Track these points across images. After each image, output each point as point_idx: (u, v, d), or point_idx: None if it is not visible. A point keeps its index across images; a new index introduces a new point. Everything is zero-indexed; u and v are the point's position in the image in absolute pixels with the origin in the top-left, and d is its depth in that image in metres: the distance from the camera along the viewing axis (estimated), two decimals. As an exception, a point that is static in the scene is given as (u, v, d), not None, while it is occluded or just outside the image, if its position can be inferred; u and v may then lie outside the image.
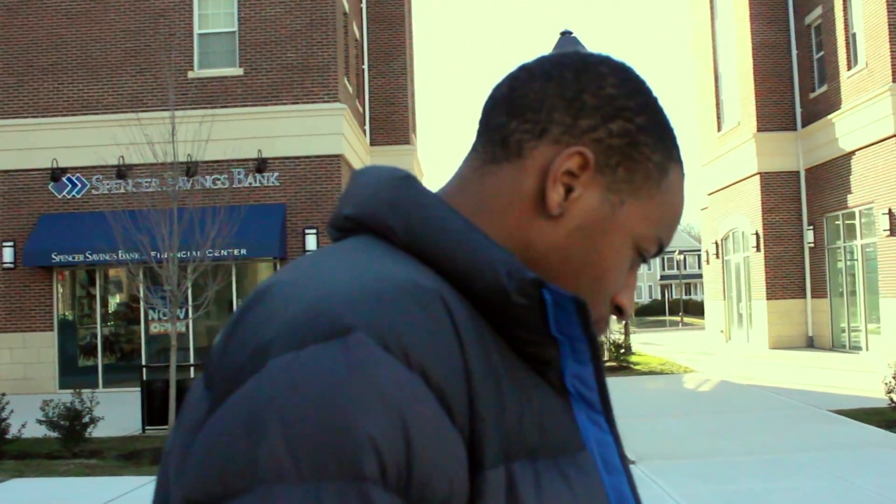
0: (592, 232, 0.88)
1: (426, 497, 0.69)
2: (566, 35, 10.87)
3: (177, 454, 0.75)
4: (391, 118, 24.96)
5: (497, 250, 0.83)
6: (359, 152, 20.99)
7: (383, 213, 0.87)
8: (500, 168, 0.90)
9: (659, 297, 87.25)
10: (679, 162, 0.94)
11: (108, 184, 18.37)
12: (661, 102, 0.95)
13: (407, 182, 0.89)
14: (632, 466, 9.09)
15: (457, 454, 0.72)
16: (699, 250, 37.51)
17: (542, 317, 0.83)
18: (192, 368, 15.80)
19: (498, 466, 0.76)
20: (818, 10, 23.24)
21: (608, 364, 21.53)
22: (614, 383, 17.42)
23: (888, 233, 19.58)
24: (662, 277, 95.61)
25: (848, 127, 21.30)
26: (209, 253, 12.06)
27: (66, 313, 19.03)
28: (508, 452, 0.77)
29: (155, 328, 18.58)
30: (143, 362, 17.28)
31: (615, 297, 0.92)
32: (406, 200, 0.87)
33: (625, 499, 0.90)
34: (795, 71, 24.59)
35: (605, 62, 0.92)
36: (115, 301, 19.54)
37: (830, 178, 22.65)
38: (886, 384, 11.30)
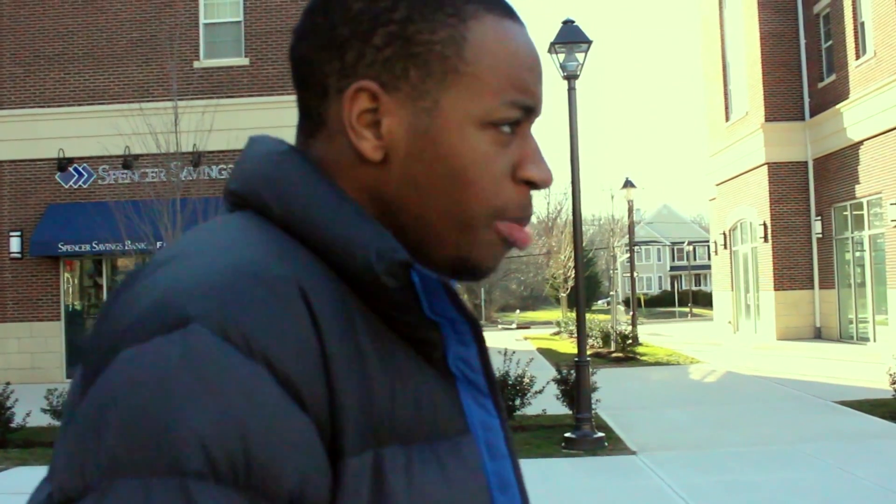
0: (425, 148, 0.83)
1: (272, 489, 0.68)
2: (568, 24, 10.82)
3: (60, 431, 0.75)
4: (398, 108, 24.89)
5: (369, 229, 0.81)
6: (365, 142, 20.94)
7: (260, 191, 0.85)
8: (316, 140, 0.87)
9: (668, 288, 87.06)
10: (482, 14, 0.85)
11: (114, 174, 18.39)
12: None
13: (287, 157, 0.86)
14: (633, 457, 9.13)
15: (307, 443, 0.70)
16: (708, 241, 37.47)
17: (414, 299, 0.81)
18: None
19: (364, 453, 0.74)
20: None
21: (614, 355, 21.51)
22: (620, 374, 17.41)
23: (896, 223, 19.48)
24: (672, 268, 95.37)
25: (856, 117, 21.18)
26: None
27: (74, 303, 19.09)
28: (379, 438, 0.76)
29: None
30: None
31: (519, 175, 0.86)
32: (283, 177, 0.84)
33: (508, 484, 0.88)
34: (804, 60, 24.44)
35: None
36: (122, 291, 19.58)
37: (839, 168, 22.54)
38: (891, 375, 11.24)
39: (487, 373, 0.89)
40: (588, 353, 11.48)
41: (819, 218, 23.79)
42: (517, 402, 10.81)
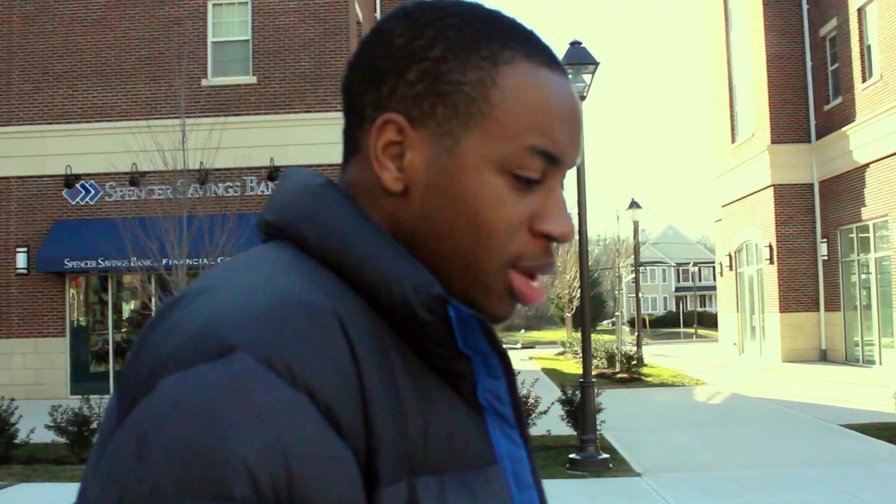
0: (442, 186, 0.84)
1: None
2: (575, 45, 10.86)
3: (93, 457, 0.75)
4: (404, 127, 24.93)
5: (405, 263, 0.82)
6: (371, 161, 20.99)
7: (298, 223, 0.86)
8: (350, 166, 0.90)
9: (674, 309, 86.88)
10: (518, 61, 0.85)
11: (121, 191, 18.45)
12: (475, 17, 0.86)
13: (323, 191, 0.88)
14: (638, 479, 9.09)
15: (346, 472, 0.71)
16: (714, 262, 37.40)
17: (449, 333, 0.82)
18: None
19: (399, 482, 0.75)
20: (833, 22, 23.16)
21: (619, 375, 21.46)
22: (625, 395, 17.36)
23: (902, 246, 19.44)
24: (677, 289, 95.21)
25: (862, 139, 21.19)
26: (219, 260, 12.10)
27: (79, 319, 19.10)
28: (413, 467, 0.77)
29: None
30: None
31: (536, 227, 0.85)
32: (320, 211, 0.86)
33: None
34: (810, 83, 24.48)
35: (391, 17, 0.89)
36: (127, 307, 19.61)
37: (844, 190, 22.53)
38: (897, 399, 11.21)
39: (515, 405, 0.90)
40: (593, 373, 11.44)
41: (825, 240, 23.76)
42: (521, 422, 10.76)
